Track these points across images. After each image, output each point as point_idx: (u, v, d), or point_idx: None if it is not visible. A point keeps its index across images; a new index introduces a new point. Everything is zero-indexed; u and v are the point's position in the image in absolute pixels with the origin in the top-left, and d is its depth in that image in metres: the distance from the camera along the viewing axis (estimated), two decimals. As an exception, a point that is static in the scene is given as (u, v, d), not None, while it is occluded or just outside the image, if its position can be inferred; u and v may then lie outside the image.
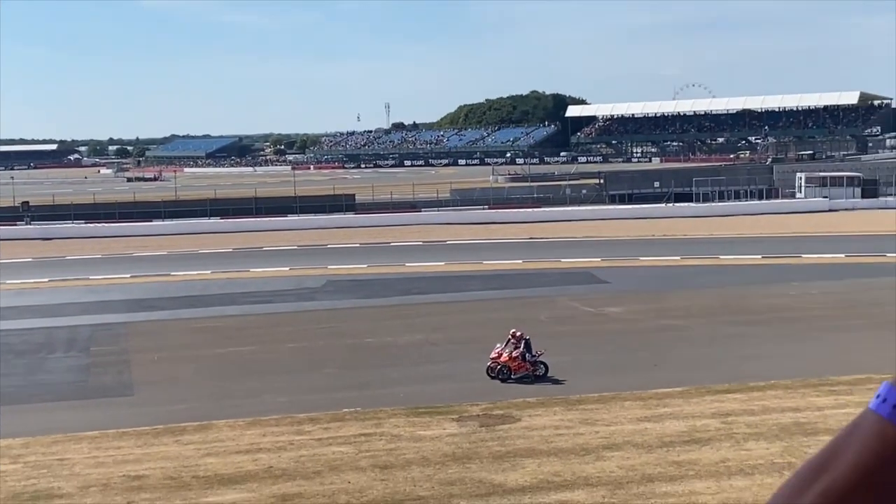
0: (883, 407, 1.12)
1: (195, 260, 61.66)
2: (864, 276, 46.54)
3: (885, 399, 1.13)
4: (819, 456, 1.14)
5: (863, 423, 1.14)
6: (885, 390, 1.13)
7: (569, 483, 20.78)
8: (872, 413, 1.13)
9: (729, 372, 29.66)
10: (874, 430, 1.12)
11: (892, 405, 1.11)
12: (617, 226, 73.44)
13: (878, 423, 1.12)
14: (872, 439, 1.11)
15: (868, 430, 1.12)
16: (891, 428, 1.11)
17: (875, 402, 1.13)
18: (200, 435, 25.30)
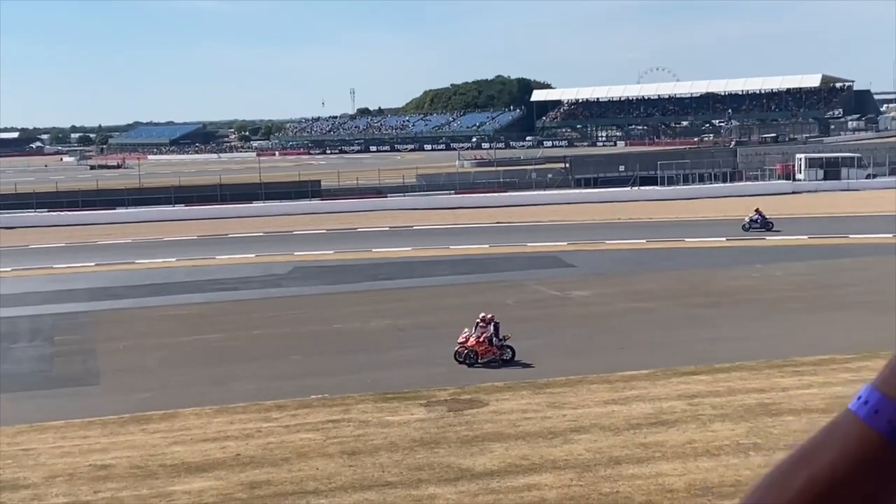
0: (864, 409, 1.12)
1: (160, 248, 61.30)
2: (826, 258, 46.91)
3: (866, 401, 1.12)
4: (798, 452, 1.15)
5: (844, 424, 1.14)
6: (865, 392, 1.13)
7: (537, 466, 20.84)
8: (853, 415, 1.13)
9: (695, 354, 29.83)
10: (854, 431, 1.12)
11: (874, 409, 1.11)
12: (583, 210, 73.65)
13: (857, 425, 1.12)
14: (853, 442, 1.11)
15: (848, 430, 1.13)
16: (870, 431, 1.11)
17: (856, 404, 1.13)
18: (167, 423, 25.19)
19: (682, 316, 35.90)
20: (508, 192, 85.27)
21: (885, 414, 1.10)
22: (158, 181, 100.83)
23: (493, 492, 19.56)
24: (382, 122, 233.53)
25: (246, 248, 58.88)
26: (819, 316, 34.59)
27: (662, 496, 18.87)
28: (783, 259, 47.27)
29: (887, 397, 1.11)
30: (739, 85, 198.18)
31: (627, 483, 19.62)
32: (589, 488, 19.48)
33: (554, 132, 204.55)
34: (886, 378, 1.13)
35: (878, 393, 1.12)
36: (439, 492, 19.71)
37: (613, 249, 53.71)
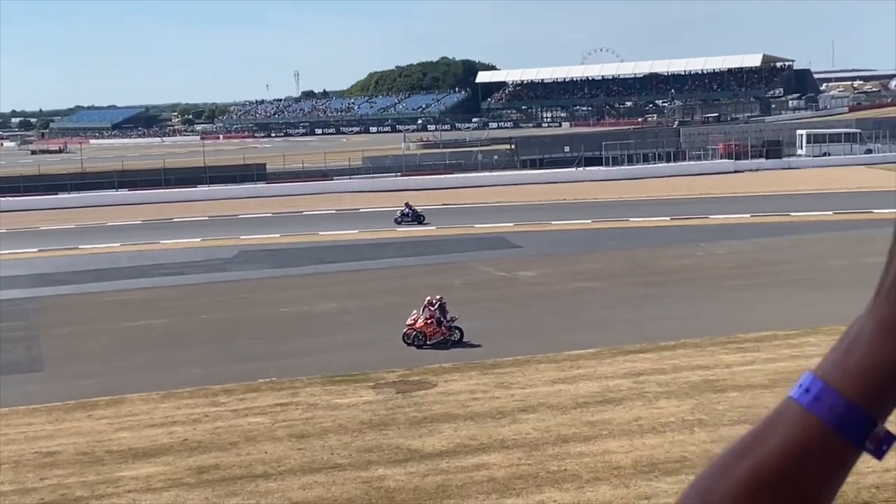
0: (805, 397, 1.14)
1: (103, 233, 60.66)
2: (768, 236, 47.42)
3: (807, 389, 1.14)
4: (741, 441, 1.16)
5: (786, 412, 1.16)
6: (807, 380, 1.15)
7: (485, 446, 20.94)
8: (795, 403, 1.15)
9: (640, 332, 30.07)
10: (796, 418, 1.14)
11: (815, 396, 1.13)
12: (529, 191, 73.84)
13: (799, 413, 1.14)
14: (796, 429, 1.13)
15: (790, 418, 1.14)
16: (812, 418, 1.13)
17: (797, 392, 1.15)
18: (113, 409, 25.00)
19: (628, 295, 36.15)
20: (454, 174, 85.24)
21: (826, 401, 1.12)
22: (101, 166, 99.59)
23: (442, 472, 19.64)
24: (327, 105, 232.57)
25: (191, 233, 58.43)
26: (761, 293, 34.99)
27: (609, 473, 19.04)
28: (726, 237, 47.71)
29: (827, 385, 1.13)
30: (682, 65, 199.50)
31: (575, 461, 19.77)
32: (537, 467, 19.61)
33: (499, 114, 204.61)
34: (826, 366, 1.15)
35: (819, 381, 1.14)
36: (388, 473, 19.75)
37: (559, 230, 53.93)
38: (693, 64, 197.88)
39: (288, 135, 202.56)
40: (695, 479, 1.18)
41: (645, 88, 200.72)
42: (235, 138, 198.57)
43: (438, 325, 30.23)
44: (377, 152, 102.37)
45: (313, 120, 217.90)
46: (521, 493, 18.45)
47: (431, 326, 30.23)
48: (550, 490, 18.47)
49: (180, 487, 19.68)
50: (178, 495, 19.30)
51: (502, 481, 18.98)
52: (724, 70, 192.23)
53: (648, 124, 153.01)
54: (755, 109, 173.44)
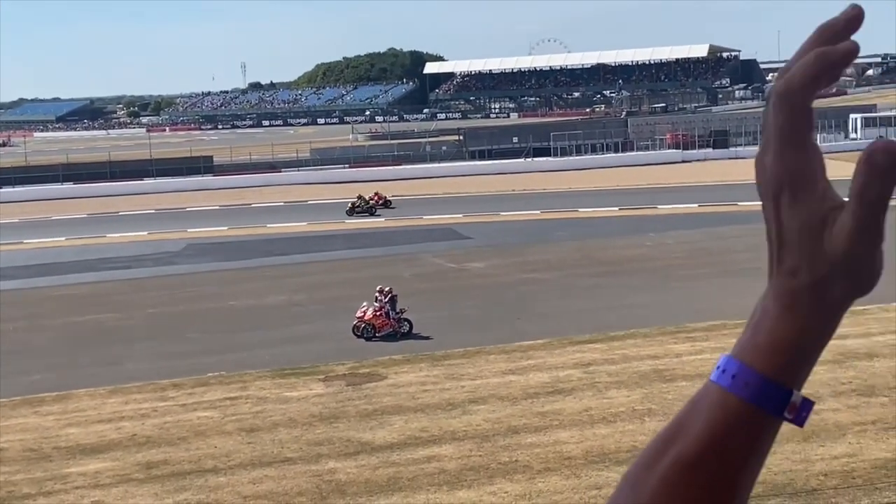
0: (723, 378, 1.16)
1: (48, 227, 60.01)
2: (716, 225, 47.79)
3: (724, 370, 1.16)
4: (665, 430, 1.19)
5: (705, 396, 1.18)
6: (723, 362, 1.17)
7: (436, 438, 20.96)
8: (714, 384, 1.17)
9: (590, 323, 30.21)
10: (716, 400, 1.16)
11: (731, 375, 1.15)
12: (477, 182, 73.93)
13: (719, 394, 1.16)
14: (715, 409, 1.15)
15: (710, 400, 1.16)
16: (731, 397, 1.14)
17: (715, 374, 1.17)
18: (60, 405, 24.75)
19: (577, 285, 36.32)
20: (403, 165, 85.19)
21: (741, 378, 1.14)
22: (45, 159, 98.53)
23: (393, 464, 19.63)
24: (274, 97, 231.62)
25: (138, 226, 57.95)
26: (710, 283, 35.27)
27: (560, 463, 19.12)
28: (674, 227, 48.05)
29: (742, 362, 1.15)
30: (629, 56, 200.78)
31: (526, 451, 19.84)
32: (488, 458, 19.65)
33: (447, 105, 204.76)
34: (739, 346, 1.17)
35: (734, 360, 1.16)
36: (339, 466, 19.72)
37: (508, 221, 54.06)
38: (640, 54, 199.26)
39: (235, 127, 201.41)
40: (625, 473, 1.20)
41: (593, 79, 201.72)
42: (182, 130, 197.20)
43: (388, 317, 30.21)
44: (325, 144, 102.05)
45: (260, 112, 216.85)
46: (472, 484, 18.49)
47: (381, 318, 30.20)
48: (502, 481, 18.53)
49: (129, 483, 19.53)
50: (126, 491, 19.14)
51: (453, 473, 19.01)
52: (672, 60, 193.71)
53: (596, 115, 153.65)
54: (702, 99, 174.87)
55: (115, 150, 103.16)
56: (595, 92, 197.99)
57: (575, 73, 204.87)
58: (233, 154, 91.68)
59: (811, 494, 16.93)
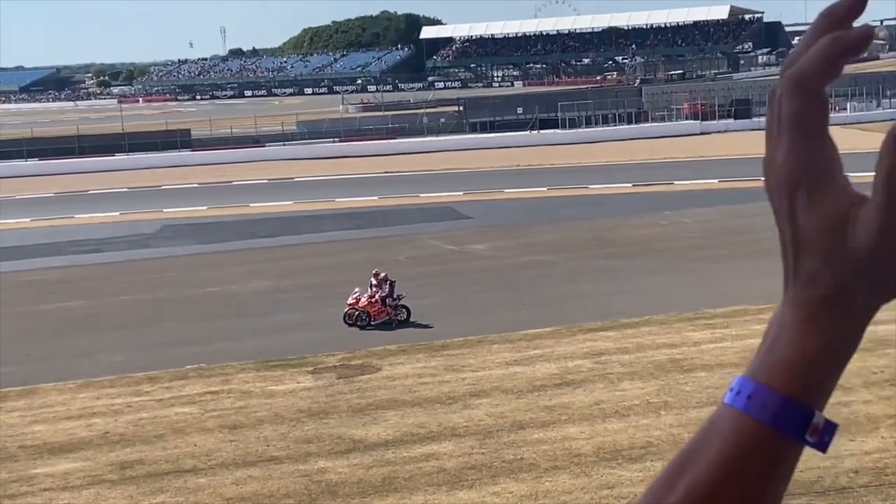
0: (738, 399, 1.14)
1: (11, 207, 59.93)
2: (737, 203, 47.70)
3: (738, 391, 1.14)
4: (676, 459, 1.17)
5: (720, 419, 1.15)
6: (737, 383, 1.15)
7: (435, 434, 20.99)
8: (727, 407, 1.15)
9: (601, 309, 30.23)
10: (730, 423, 1.13)
11: (747, 396, 1.13)
12: (479, 156, 73.82)
13: (733, 417, 1.13)
14: (730, 434, 1.13)
15: (725, 424, 1.14)
16: (747, 420, 1.12)
17: (729, 396, 1.15)
18: (25, 401, 24.77)
19: (587, 269, 36.32)
20: (398, 139, 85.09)
21: (757, 399, 1.12)
22: (8, 133, 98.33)
23: (388, 463, 19.67)
24: (257, 65, 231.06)
25: (109, 206, 57.89)
26: (730, 265, 35.26)
27: (569, 461, 19.16)
28: (692, 205, 48.00)
29: (757, 382, 1.13)
30: (643, 18, 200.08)
31: (532, 448, 19.88)
32: (491, 455, 19.69)
33: (446, 73, 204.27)
34: (754, 364, 1.15)
35: (749, 380, 1.14)
36: (330, 465, 19.75)
37: (512, 199, 54.02)
38: (655, 17, 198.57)
39: (214, 97, 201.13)
40: None
41: (603, 44, 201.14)
42: (156, 102, 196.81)
43: (384, 304, 30.22)
44: (313, 116, 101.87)
45: (242, 81, 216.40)
46: (474, 484, 18.53)
47: (376, 305, 30.22)
48: (506, 480, 18.57)
49: (101, 485, 19.56)
50: (98, 493, 19.18)
51: (454, 472, 19.05)
52: (689, 23, 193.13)
53: (608, 83, 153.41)
54: (722, 66, 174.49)
55: (83, 124, 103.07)
56: (606, 58, 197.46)
57: (584, 38, 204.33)
58: (212, 127, 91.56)
59: (840, 493, 16.98)
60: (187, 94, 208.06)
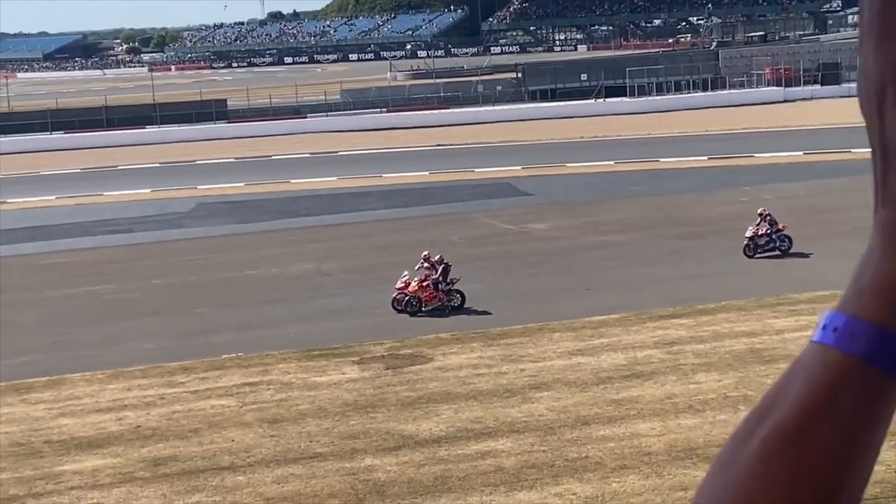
0: (825, 334, 1.14)
1: (36, 183, 60.51)
2: (824, 177, 47.32)
3: (824, 326, 1.14)
4: (762, 400, 1.17)
5: (805, 358, 1.16)
6: (825, 319, 1.15)
7: (491, 430, 21.01)
8: (815, 344, 1.15)
9: (673, 294, 30.10)
10: (817, 359, 1.14)
11: (833, 329, 1.13)
12: (539, 127, 73.64)
13: (821, 351, 1.14)
14: (817, 370, 1.13)
15: (812, 361, 1.14)
16: (834, 353, 1.12)
17: (817, 333, 1.15)
18: (52, 392, 25.03)
19: (658, 250, 36.15)
20: (451, 109, 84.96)
21: (845, 331, 1.12)
22: (32, 104, 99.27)
23: (440, 461, 19.71)
24: (298, 29, 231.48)
25: (140, 183, 58.30)
26: (817, 245, 34.97)
27: (639, 460, 19.12)
28: (774, 180, 47.65)
29: (845, 314, 1.13)
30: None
31: (597, 446, 19.85)
32: (553, 454, 19.69)
33: (503, 36, 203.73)
34: (844, 296, 1.16)
35: (837, 313, 1.14)
36: (377, 463, 19.83)
37: (575, 174, 53.85)
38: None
39: (252, 65, 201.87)
40: (718, 454, 1.18)
41: (676, 3, 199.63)
42: (190, 70, 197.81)
43: (435, 289, 30.22)
44: (358, 84, 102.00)
45: (282, 47, 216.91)
46: (534, 484, 18.54)
47: (427, 290, 30.23)
48: (569, 481, 18.56)
49: (132, 483, 19.75)
50: (129, 492, 19.37)
51: (512, 471, 19.07)
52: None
53: (681, 46, 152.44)
54: (808, 26, 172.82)
55: (112, 94, 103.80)
56: (679, 19, 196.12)
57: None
58: (249, 97, 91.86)
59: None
60: (223, 62, 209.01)
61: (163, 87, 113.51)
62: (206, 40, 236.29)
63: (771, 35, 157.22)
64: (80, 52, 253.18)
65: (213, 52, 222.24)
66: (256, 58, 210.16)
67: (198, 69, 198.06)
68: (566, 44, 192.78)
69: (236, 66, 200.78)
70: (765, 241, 34.53)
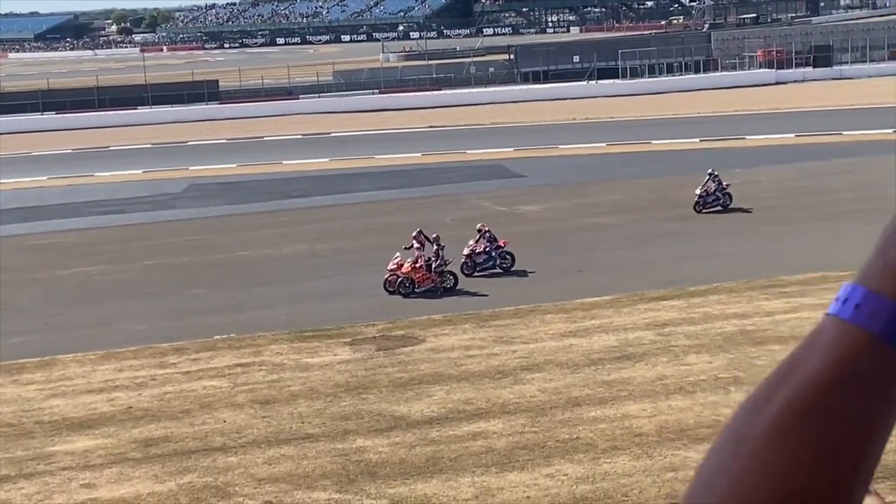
0: (844, 309, 1.12)
1: (27, 164, 60.43)
2: (816, 159, 47.38)
3: (845, 300, 1.12)
4: (775, 372, 1.15)
5: (823, 330, 1.13)
6: (845, 291, 1.13)
7: (483, 411, 21.02)
8: (832, 317, 1.13)
9: (665, 276, 30.11)
10: (835, 334, 1.12)
11: (854, 304, 1.11)
12: (531, 109, 73.57)
13: (839, 326, 1.12)
14: (835, 346, 1.11)
15: (828, 335, 1.12)
16: (854, 330, 1.10)
17: (834, 306, 1.13)
18: (43, 373, 25.01)
19: (650, 232, 36.15)
20: (443, 91, 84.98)
21: (867, 307, 1.10)
22: (23, 84, 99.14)
23: (432, 442, 19.72)
24: (291, 9, 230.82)
25: (131, 163, 58.19)
26: (808, 227, 34.99)
27: (630, 441, 19.14)
28: (766, 162, 47.67)
29: (867, 289, 1.11)
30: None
31: (589, 427, 19.87)
32: (544, 434, 19.70)
33: (495, 17, 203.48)
34: (864, 271, 1.13)
35: (858, 287, 1.12)
36: (369, 444, 19.83)
37: (568, 155, 53.80)
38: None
39: (244, 46, 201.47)
40: (727, 423, 1.17)
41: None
42: (182, 50, 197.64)
43: (428, 270, 30.18)
44: (350, 65, 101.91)
45: (274, 28, 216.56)
46: (525, 465, 18.56)
47: (420, 271, 30.19)
48: (560, 461, 18.58)
49: (124, 463, 19.74)
50: (121, 472, 19.36)
51: (503, 452, 19.08)
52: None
53: (673, 28, 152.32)
54: (800, 9, 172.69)
55: (103, 74, 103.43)
56: (672, 1, 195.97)
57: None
58: (242, 78, 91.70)
59: None
60: (215, 42, 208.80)
61: (154, 68, 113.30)
62: (198, 21, 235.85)
63: (763, 17, 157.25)
64: (72, 33, 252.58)
65: (205, 32, 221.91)
66: (248, 38, 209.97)
67: (189, 50, 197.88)
68: (558, 25, 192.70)
69: (228, 47, 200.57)
70: (483, 258, 32.01)
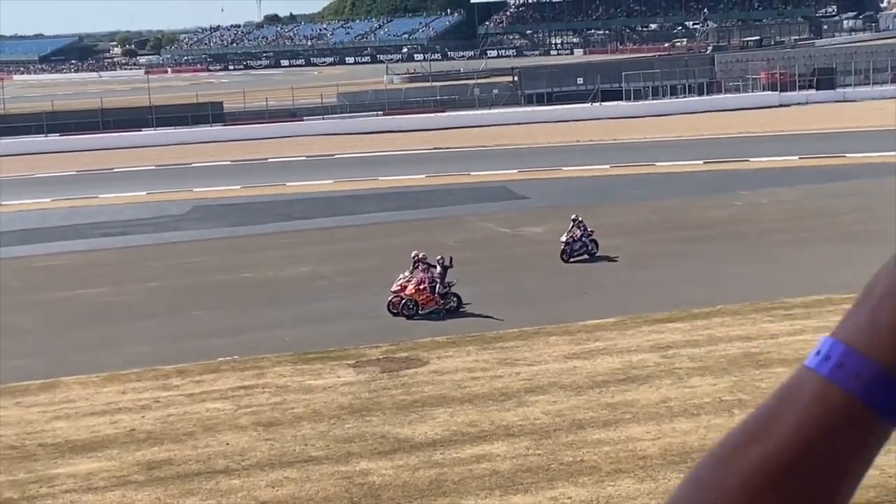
0: (825, 365, 1.10)
1: (31, 186, 60.52)
2: (820, 182, 47.40)
3: (827, 356, 1.11)
4: (748, 423, 1.14)
5: (801, 385, 1.12)
6: (826, 346, 1.11)
7: (487, 434, 20.98)
8: (810, 372, 1.12)
9: (669, 298, 30.08)
10: (816, 392, 1.10)
11: (837, 363, 1.09)
12: (535, 131, 73.68)
13: (819, 385, 1.10)
14: (814, 404, 1.10)
15: (809, 392, 1.11)
16: (835, 390, 1.09)
17: (815, 359, 1.12)
18: (46, 395, 25.00)
19: (654, 254, 36.15)
20: (447, 112, 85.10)
21: (850, 368, 1.08)
22: (27, 106, 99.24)
23: (436, 465, 19.69)
24: (295, 32, 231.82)
25: (135, 185, 58.30)
26: (812, 250, 35.00)
27: (634, 463, 19.10)
28: (769, 184, 47.66)
29: (853, 348, 1.09)
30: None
31: (593, 450, 19.83)
32: (548, 457, 19.66)
33: (499, 40, 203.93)
34: (849, 327, 1.11)
35: (842, 345, 1.10)
36: (373, 466, 19.80)
37: (571, 177, 53.85)
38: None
39: (249, 67, 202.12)
40: (691, 471, 1.15)
41: (672, 7, 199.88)
42: (186, 72, 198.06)
43: (432, 292, 30.16)
44: (355, 87, 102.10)
45: (278, 49, 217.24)
46: (529, 488, 18.52)
47: (424, 293, 30.16)
48: (564, 485, 18.54)
49: (127, 486, 19.71)
50: (124, 495, 19.33)
51: (507, 475, 19.04)
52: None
53: (677, 50, 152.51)
54: (804, 32, 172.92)
55: (108, 96, 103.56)
56: (675, 23, 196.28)
57: (652, 1, 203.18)
58: (246, 100, 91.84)
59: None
60: (219, 64, 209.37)
61: (159, 90, 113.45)
62: (203, 43, 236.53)
63: (766, 40, 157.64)
64: (76, 55, 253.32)
65: (210, 54, 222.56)
66: (253, 60, 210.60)
67: (194, 71, 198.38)
68: (562, 48, 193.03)
69: (233, 69, 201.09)
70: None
